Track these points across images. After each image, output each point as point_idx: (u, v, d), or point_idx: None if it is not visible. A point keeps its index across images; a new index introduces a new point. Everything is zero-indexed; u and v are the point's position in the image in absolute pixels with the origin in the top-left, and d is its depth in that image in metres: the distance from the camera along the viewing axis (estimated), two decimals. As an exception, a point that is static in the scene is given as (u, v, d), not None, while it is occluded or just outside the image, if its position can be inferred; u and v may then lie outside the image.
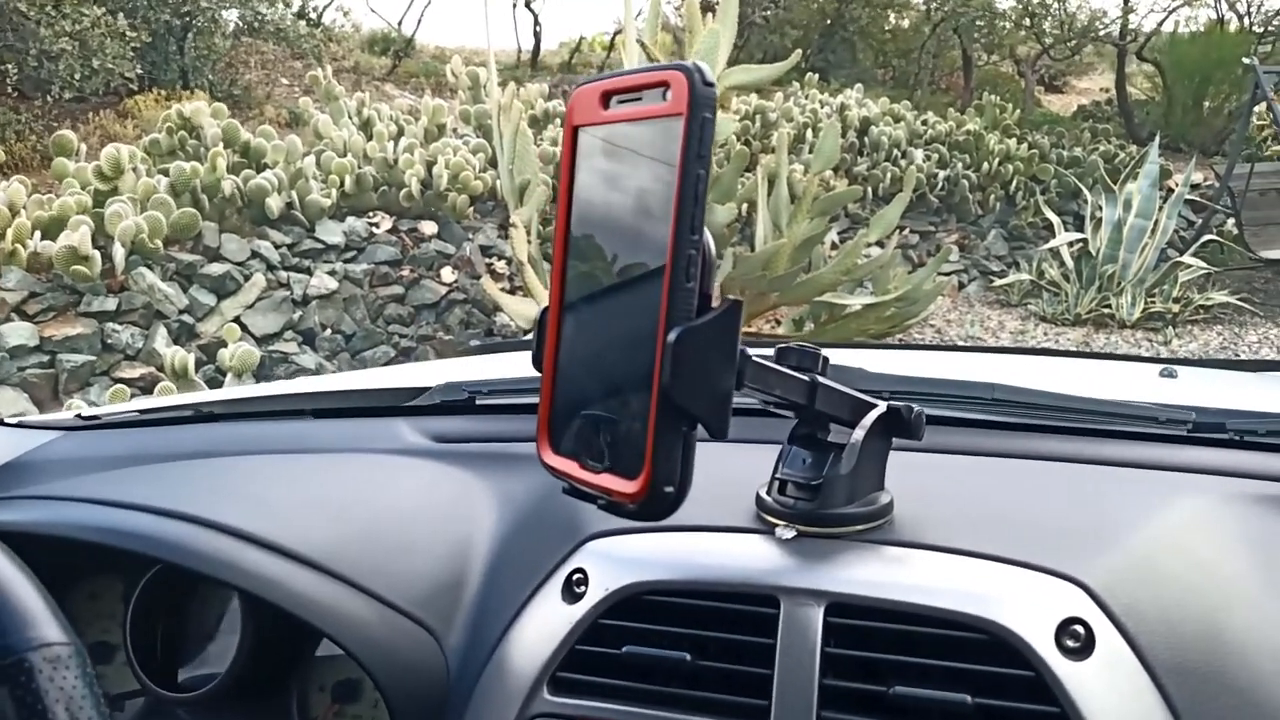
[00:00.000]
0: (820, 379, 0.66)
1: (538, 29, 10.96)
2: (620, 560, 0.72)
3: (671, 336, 0.50)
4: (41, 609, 0.52)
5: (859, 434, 0.69)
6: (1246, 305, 6.63)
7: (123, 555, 0.83)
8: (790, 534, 0.69)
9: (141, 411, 1.21)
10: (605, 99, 0.56)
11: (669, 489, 0.52)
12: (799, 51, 5.30)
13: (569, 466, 0.57)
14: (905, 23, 12.55)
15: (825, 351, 0.69)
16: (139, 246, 4.22)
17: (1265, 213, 7.26)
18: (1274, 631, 0.66)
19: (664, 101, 0.52)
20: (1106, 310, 6.46)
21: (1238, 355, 5.84)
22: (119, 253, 4.13)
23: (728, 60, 4.75)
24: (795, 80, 8.47)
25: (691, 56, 4.56)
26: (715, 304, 0.53)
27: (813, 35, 11.27)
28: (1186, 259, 6.75)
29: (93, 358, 4.03)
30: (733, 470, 0.77)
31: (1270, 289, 7.38)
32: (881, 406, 0.70)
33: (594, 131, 0.56)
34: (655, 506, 0.52)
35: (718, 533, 0.72)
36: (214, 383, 3.96)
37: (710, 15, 4.79)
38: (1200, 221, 7.77)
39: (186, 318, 4.38)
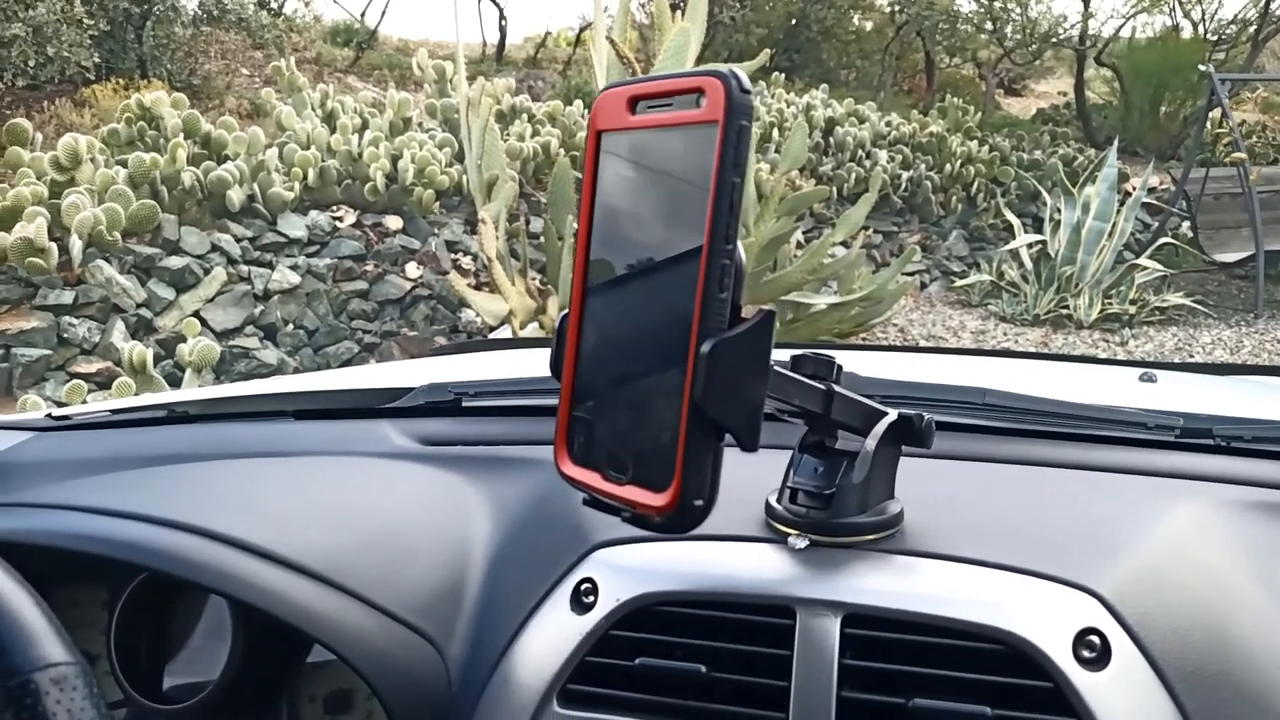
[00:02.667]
0: (836, 388, 0.66)
1: (503, 23, 10.92)
2: (630, 570, 0.71)
3: (705, 348, 0.50)
4: (45, 628, 0.50)
5: (871, 443, 0.69)
6: (1200, 307, 6.77)
7: (107, 563, 0.80)
8: (803, 543, 0.69)
9: (114, 411, 1.18)
10: (632, 104, 0.54)
11: (699, 502, 0.51)
12: (767, 51, 5.31)
13: (590, 478, 0.56)
14: (869, 25, 12.64)
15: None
16: (96, 239, 4.13)
17: (1219, 216, 7.42)
18: (1275, 636, 0.67)
19: (698, 108, 0.51)
20: (1064, 311, 6.56)
21: (1192, 356, 5.96)
22: (76, 245, 4.04)
23: (696, 59, 4.75)
24: (761, 80, 8.50)
25: (661, 55, 4.55)
26: (745, 315, 0.52)
27: (777, 35, 11.31)
28: (1143, 261, 6.87)
29: (48, 352, 3.94)
30: (739, 477, 0.76)
31: (1223, 291, 7.54)
32: (892, 414, 0.70)
33: (619, 136, 0.55)
34: (684, 519, 0.52)
35: (729, 542, 0.71)
36: (173, 378, 3.89)
37: (679, 13, 4.77)
38: (1156, 225, 7.93)
39: (145, 312, 4.30)
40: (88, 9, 6.54)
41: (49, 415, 1.16)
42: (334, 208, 5.16)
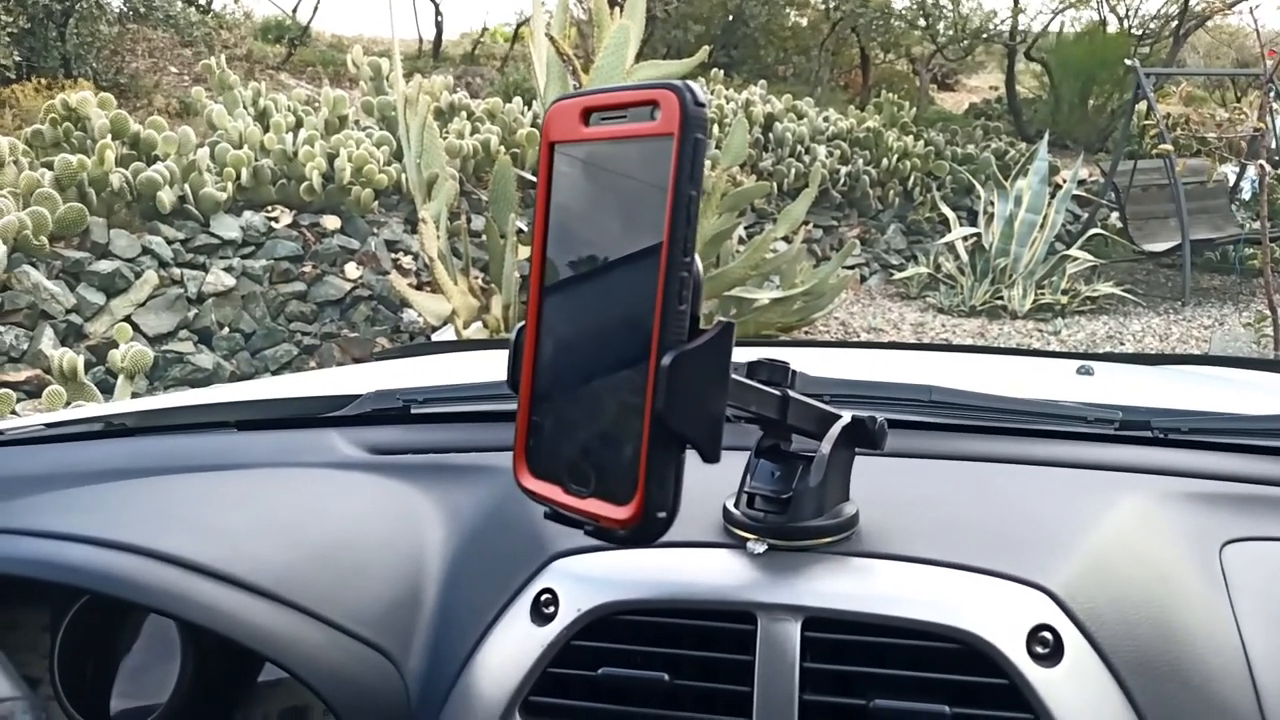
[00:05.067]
0: (791, 393, 0.66)
1: (439, 19, 10.80)
2: (590, 580, 0.70)
3: (666, 361, 0.50)
4: None
5: (826, 446, 0.69)
6: (1130, 296, 6.95)
7: (48, 585, 0.78)
8: (762, 548, 0.69)
9: (49, 425, 1.15)
10: (585, 115, 0.54)
11: (662, 514, 0.51)
12: (706, 48, 5.32)
13: (551, 491, 0.56)
14: (805, 21, 12.75)
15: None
16: (22, 243, 4.00)
17: (1147, 207, 7.62)
18: (1216, 627, 0.69)
19: (652, 121, 0.51)
20: (999, 302, 6.69)
21: (1123, 344, 6.11)
22: (0, 250, 3.91)
23: (635, 56, 4.74)
24: (700, 76, 8.53)
25: (600, 51, 4.54)
26: (704, 326, 0.52)
27: (715, 31, 11.35)
28: (1074, 252, 7.04)
29: (-27, 361, 3.82)
30: (694, 481, 0.77)
31: (1152, 280, 7.75)
32: (846, 417, 0.71)
33: (573, 149, 0.55)
34: (648, 532, 0.52)
35: (687, 548, 0.71)
36: (105, 385, 3.79)
37: (617, 10, 4.76)
38: (1086, 216, 8.12)
39: (74, 317, 4.18)
40: (4, 6, 6.33)
41: (-22, 432, 1.12)
42: (269, 208, 5.05)
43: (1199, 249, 7.41)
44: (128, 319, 4.30)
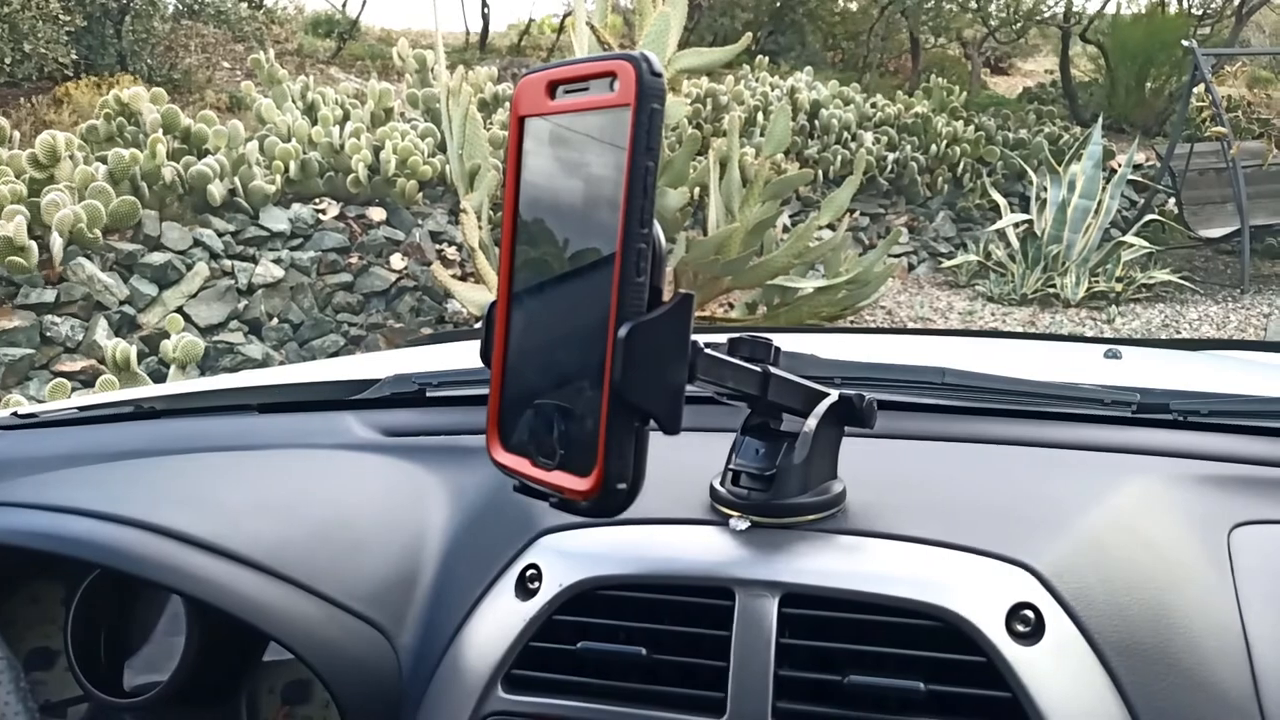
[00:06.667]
0: (772, 369, 0.66)
1: (486, 11, 10.88)
2: (574, 555, 0.71)
3: (622, 332, 0.50)
4: None
5: (811, 424, 0.69)
6: (1187, 283, 6.77)
7: (63, 559, 0.80)
8: (744, 525, 0.69)
9: (81, 409, 1.18)
10: (551, 89, 0.54)
11: (621, 486, 0.51)
12: (749, 35, 5.28)
13: (520, 464, 0.56)
14: (854, 6, 12.60)
15: (777, 337, 0.69)
16: (77, 236, 4.11)
17: (1204, 192, 7.42)
18: (1217, 610, 0.68)
19: (611, 91, 0.51)
20: (1052, 290, 6.57)
21: (1179, 332, 5.97)
22: (57, 243, 4.02)
23: (678, 43, 4.73)
24: (745, 63, 8.47)
25: (642, 39, 4.54)
26: (666, 297, 0.52)
27: (762, 18, 11.27)
28: (1129, 238, 6.88)
29: (32, 351, 3.93)
30: (685, 460, 0.77)
31: (1210, 267, 7.55)
32: (833, 395, 0.70)
33: (540, 122, 0.55)
34: (608, 503, 0.52)
35: (672, 525, 0.71)
36: (157, 375, 3.88)
37: (660, -3, 4.75)
38: (1142, 201, 7.94)
39: (128, 309, 4.28)
40: (64, 4, 6.49)
41: (14, 414, 1.16)
42: (316, 200, 5.13)
43: (1259, 234, 7.19)
44: (179, 310, 4.39)
